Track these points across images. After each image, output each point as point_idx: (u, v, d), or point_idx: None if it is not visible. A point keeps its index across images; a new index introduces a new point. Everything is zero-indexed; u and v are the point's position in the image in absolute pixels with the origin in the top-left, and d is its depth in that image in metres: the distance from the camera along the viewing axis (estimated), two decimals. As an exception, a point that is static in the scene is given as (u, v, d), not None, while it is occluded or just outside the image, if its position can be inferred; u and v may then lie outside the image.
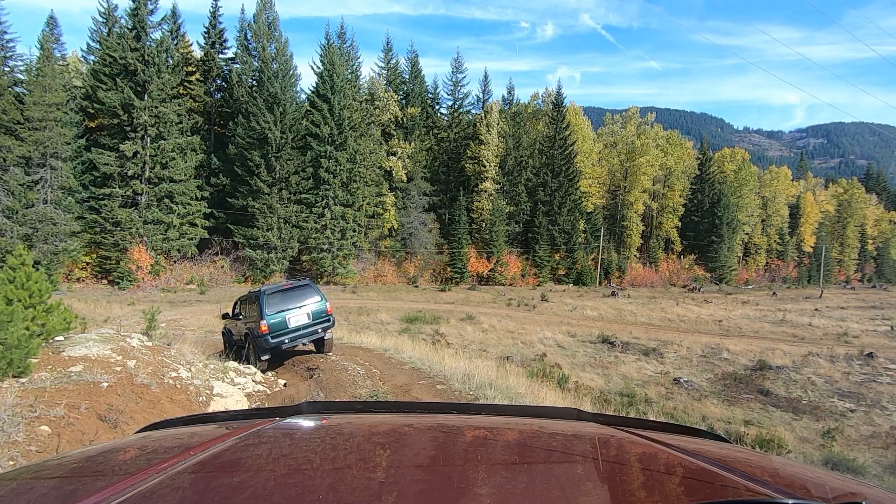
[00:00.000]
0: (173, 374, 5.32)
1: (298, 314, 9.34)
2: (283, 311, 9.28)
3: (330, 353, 9.54)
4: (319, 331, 9.56)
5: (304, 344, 9.76)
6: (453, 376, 6.16)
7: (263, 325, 8.92)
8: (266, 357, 9.13)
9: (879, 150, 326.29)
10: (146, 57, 32.46)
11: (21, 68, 33.39)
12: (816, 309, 39.63)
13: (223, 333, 11.94)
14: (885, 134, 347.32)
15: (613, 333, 24.62)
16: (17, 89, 31.65)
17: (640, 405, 14.96)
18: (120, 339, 5.81)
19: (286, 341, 9.16)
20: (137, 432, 1.37)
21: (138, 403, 4.11)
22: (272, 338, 8.96)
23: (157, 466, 0.92)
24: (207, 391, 5.32)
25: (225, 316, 11.62)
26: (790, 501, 0.80)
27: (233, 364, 7.37)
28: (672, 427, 1.52)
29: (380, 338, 11.88)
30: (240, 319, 10.37)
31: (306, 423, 1.34)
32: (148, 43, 32.80)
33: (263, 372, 9.09)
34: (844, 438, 13.40)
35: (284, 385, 7.13)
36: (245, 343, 9.71)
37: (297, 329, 9.28)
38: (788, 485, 0.98)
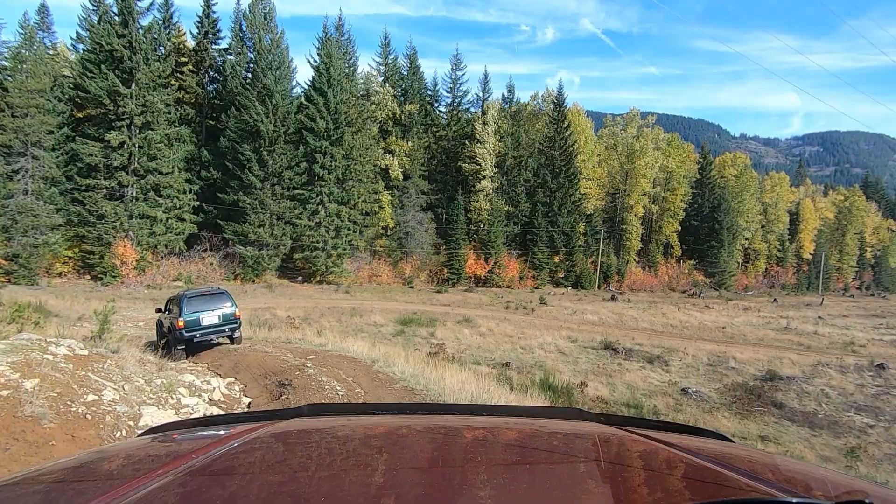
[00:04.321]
0: (89, 398, 4.14)
1: (211, 315, 11.17)
2: (198, 311, 11.07)
3: (305, 357, 9.17)
4: (227, 330, 11.48)
5: (213, 339, 11.54)
6: (456, 401, 5.16)
7: (180, 322, 10.67)
8: (181, 347, 10.74)
9: (874, 158, 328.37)
10: (133, 44, 31.25)
11: (6, 54, 32.26)
12: (819, 316, 38.98)
13: (157, 325, 13.19)
14: (881, 142, 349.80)
15: (616, 339, 23.75)
16: (9, 80, 30.44)
17: (648, 417, 14.08)
18: (41, 347, 4.71)
19: (197, 335, 10.90)
20: (139, 436, 1.36)
21: (7, 451, 2.95)
22: (186, 332, 10.68)
23: (157, 470, 0.91)
24: (131, 422, 4.12)
25: (158, 310, 13.05)
26: (794, 500, 0.79)
27: (189, 378, 6.21)
28: (674, 426, 1.49)
29: (370, 344, 10.84)
30: (170, 314, 11.78)
31: (307, 425, 1.33)
32: (136, 29, 31.61)
33: (179, 358, 10.43)
34: (869, 457, 12.54)
35: (248, 405, 6.05)
36: (169, 334, 11.29)
37: (208, 327, 11.11)
38: (792, 483, 0.97)
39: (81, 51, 34.50)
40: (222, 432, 1.28)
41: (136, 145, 31.55)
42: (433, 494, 0.86)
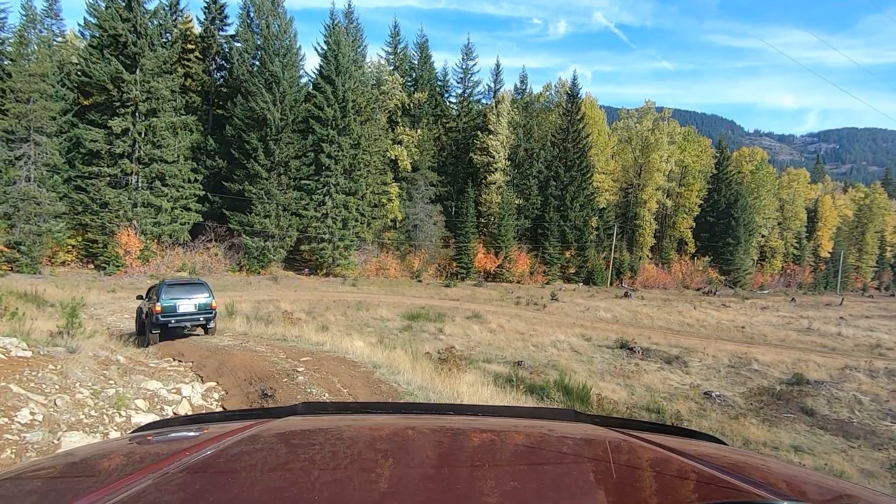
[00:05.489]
0: (-13, 424, 3.23)
1: (187, 303, 11.63)
2: (175, 298, 11.51)
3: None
4: (202, 319, 11.93)
5: (187, 326, 11.93)
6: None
7: (157, 307, 11.11)
8: (156, 331, 11.23)
9: (892, 156, 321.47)
10: (138, 28, 30.51)
11: (11, 41, 31.73)
12: (841, 317, 37.66)
13: (137, 311, 13.33)
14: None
15: (631, 338, 22.83)
16: (5, 62, 29.94)
17: (671, 423, 13.17)
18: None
19: (172, 321, 11.36)
20: (133, 432, 1.35)
21: None
22: (162, 317, 11.12)
23: (150, 467, 0.90)
24: (38, 457, 3.23)
25: (139, 297, 13.33)
26: (784, 503, 0.81)
27: (154, 386, 5.18)
28: (669, 428, 1.51)
29: (375, 341, 9.98)
30: (150, 300, 11.97)
31: (301, 424, 1.33)
32: (140, 13, 30.83)
33: (154, 342, 10.95)
34: (914, 472, 11.53)
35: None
36: (146, 319, 11.63)
37: (184, 314, 11.56)
38: (786, 487, 0.98)
39: (88, 37, 33.93)
40: (216, 430, 1.24)
41: (140, 132, 30.89)
42: (428, 492, 0.85)
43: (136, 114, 30.81)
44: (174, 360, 8.24)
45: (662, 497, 0.92)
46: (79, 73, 32.38)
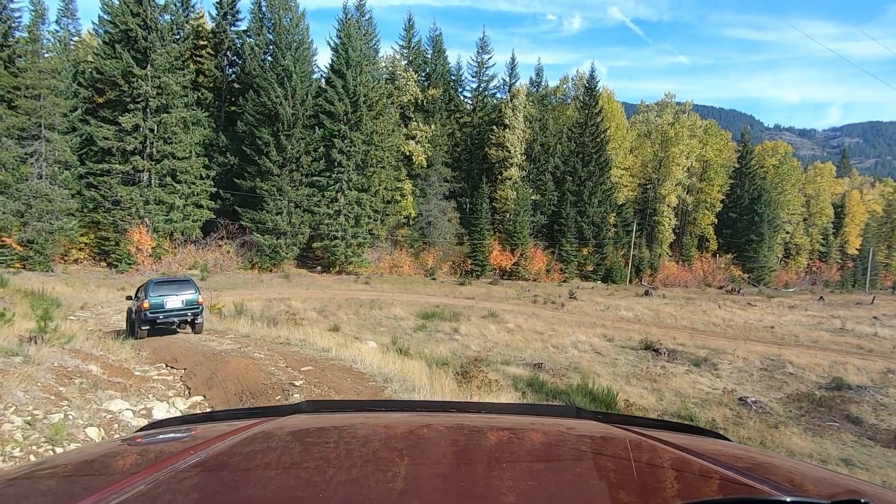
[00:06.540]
0: None
1: (175, 300, 11.82)
2: (163, 295, 11.67)
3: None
4: (189, 315, 12.10)
5: (175, 322, 12.07)
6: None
7: (145, 303, 11.31)
8: (145, 328, 11.41)
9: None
10: (148, 22, 30.17)
11: (26, 37, 31.66)
12: (875, 317, 35.96)
13: (127, 312, 13.32)
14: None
15: (656, 338, 21.79)
16: (21, 61, 29.83)
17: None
18: None
19: (160, 317, 11.56)
20: (137, 431, 1.36)
21: None
22: (150, 313, 11.33)
23: (155, 466, 0.90)
24: None
25: (129, 297, 13.33)
26: (790, 499, 0.80)
27: (119, 406, 4.16)
28: (672, 425, 1.49)
29: (388, 343, 9.16)
30: (138, 300, 12.07)
31: (306, 423, 1.33)
32: (150, 8, 30.48)
33: (142, 338, 11.01)
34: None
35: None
36: (135, 317, 11.77)
37: (171, 310, 11.76)
38: (789, 482, 0.97)
39: (102, 34, 33.79)
40: (222, 427, 1.24)
41: (152, 129, 30.58)
42: (430, 489, 0.84)
43: (147, 110, 30.51)
44: (166, 366, 7.51)
45: (666, 492, 0.90)
46: (93, 70, 32.24)
